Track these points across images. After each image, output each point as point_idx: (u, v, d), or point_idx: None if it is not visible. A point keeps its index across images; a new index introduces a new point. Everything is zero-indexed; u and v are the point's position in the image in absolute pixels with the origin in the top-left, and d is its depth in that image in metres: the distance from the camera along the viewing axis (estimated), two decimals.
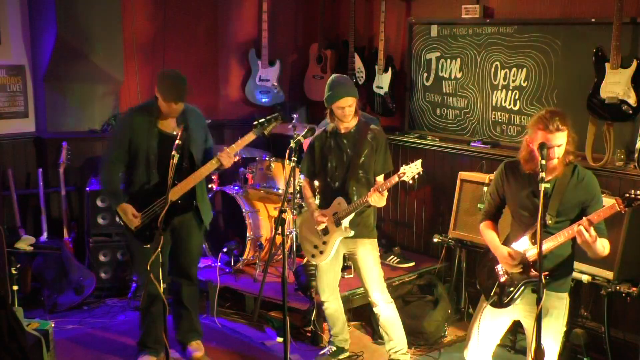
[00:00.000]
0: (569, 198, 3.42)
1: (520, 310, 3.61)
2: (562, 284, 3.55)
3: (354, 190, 4.41)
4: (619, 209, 3.17)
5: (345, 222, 4.40)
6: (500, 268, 3.63)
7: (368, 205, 4.33)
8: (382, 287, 4.56)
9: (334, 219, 4.43)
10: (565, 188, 3.44)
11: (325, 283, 4.66)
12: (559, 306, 3.53)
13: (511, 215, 3.67)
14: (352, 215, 4.39)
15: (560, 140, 3.35)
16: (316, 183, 4.68)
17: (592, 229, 3.23)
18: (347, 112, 4.36)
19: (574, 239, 3.37)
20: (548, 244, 3.37)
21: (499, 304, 3.61)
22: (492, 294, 3.63)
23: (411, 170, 4.14)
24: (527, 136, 3.46)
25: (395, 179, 4.18)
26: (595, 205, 3.42)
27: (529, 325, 3.61)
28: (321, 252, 4.53)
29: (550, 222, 3.42)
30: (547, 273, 3.41)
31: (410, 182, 4.19)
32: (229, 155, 4.41)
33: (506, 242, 3.65)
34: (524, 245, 3.51)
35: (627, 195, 3.15)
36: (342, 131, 4.45)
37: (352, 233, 4.42)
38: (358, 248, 4.51)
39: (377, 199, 4.25)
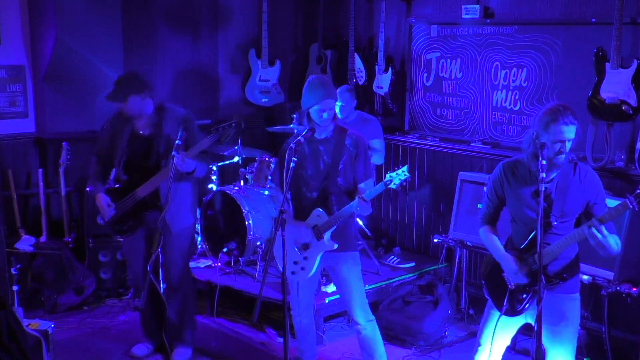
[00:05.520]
0: (573, 197, 3.37)
1: (533, 313, 3.48)
2: (573, 285, 3.51)
3: (333, 200, 4.10)
4: (630, 207, 3.10)
5: (327, 235, 4.06)
6: (507, 276, 3.56)
7: (350, 215, 4.06)
8: (364, 304, 4.22)
9: (314, 232, 4.07)
10: (567, 187, 3.38)
11: (301, 297, 4.29)
12: (572, 308, 3.50)
13: (511, 217, 3.60)
14: (334, 227, 4.05)
15: (572, 134, 3.30)
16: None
17: (603, 229, 3.18)
18: (326, 116, 4.05)
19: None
20: (557, 246, 3.34)
21: (513, 312, 3.53)
22: (503, 302, 3.54)
23: (398, 177, 3.83)
24: (534, 131, 3.37)
25: (381, 187, 3.90)
26: (601, 202, 3.38)
27: (545, 328, 3.47)
28: (302, 269, 4.15)
29: (555, 222, 3.38)
30: (557, 278, 3.40)
31: (399, 189, 3.91)
32: (182, 160, 4.22)
33: (509, 244, 3.60)
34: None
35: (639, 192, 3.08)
36: (318, 137, 4.12)
37: (335, 246, 4.06)
38: (339, 263, 4.18)
39: (363, 207, 3.97)
